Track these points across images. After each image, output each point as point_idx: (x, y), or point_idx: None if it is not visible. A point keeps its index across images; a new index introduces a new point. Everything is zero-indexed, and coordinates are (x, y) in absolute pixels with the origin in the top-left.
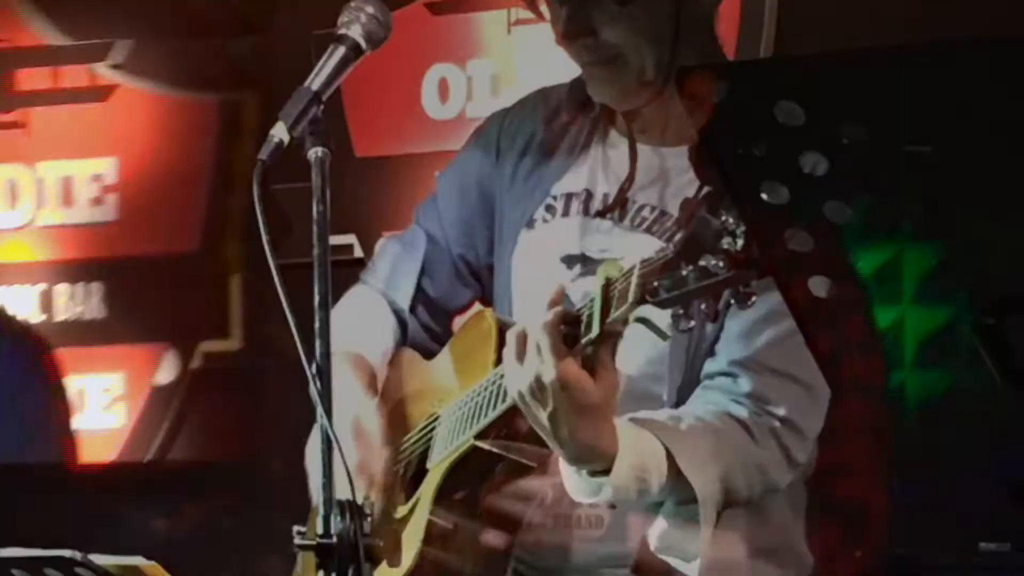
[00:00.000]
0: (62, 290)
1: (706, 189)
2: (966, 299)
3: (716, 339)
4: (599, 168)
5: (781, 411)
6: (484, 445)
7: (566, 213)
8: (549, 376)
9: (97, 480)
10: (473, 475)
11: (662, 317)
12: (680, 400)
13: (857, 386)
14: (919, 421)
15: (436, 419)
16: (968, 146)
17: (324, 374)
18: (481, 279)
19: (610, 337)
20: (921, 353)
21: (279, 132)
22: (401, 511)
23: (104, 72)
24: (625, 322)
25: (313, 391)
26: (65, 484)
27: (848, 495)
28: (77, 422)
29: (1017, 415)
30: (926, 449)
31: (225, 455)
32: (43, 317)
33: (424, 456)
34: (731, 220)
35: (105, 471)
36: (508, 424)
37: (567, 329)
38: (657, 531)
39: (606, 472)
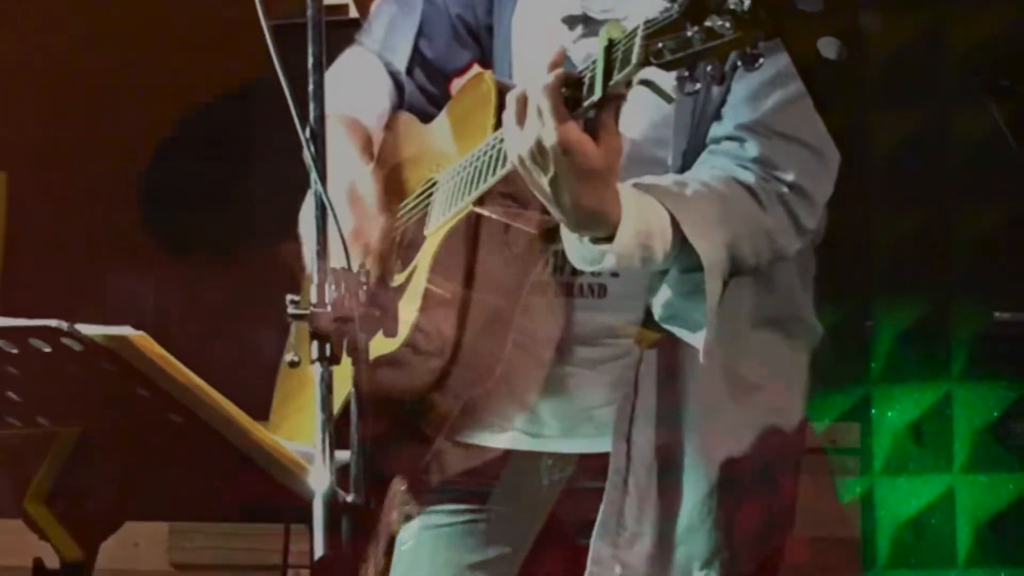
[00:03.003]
0: None
1: None
2: None
3: (722, 102)
4: None
5: (789, 176)
6: (483, 211)
7: None
8: (550, 140)
9: None
10: (471, 242)
11: (666, 80)
12: (685, 165)
13: None
14: None
15: (434, 184)
16: None
17: (318, 138)
18: (480, 40)
19: (613, 100)
20: None
21: None
22: (397, 279)
23: None
24: (628, 84)
25: (307, 155)
26: None
27: None
28: None
29: None
30: None
31: (215, 221)
32: None
33: (421, 222)
34: None
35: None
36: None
37: (569, 92)
38: (661, 300)
39: (609, 239)
